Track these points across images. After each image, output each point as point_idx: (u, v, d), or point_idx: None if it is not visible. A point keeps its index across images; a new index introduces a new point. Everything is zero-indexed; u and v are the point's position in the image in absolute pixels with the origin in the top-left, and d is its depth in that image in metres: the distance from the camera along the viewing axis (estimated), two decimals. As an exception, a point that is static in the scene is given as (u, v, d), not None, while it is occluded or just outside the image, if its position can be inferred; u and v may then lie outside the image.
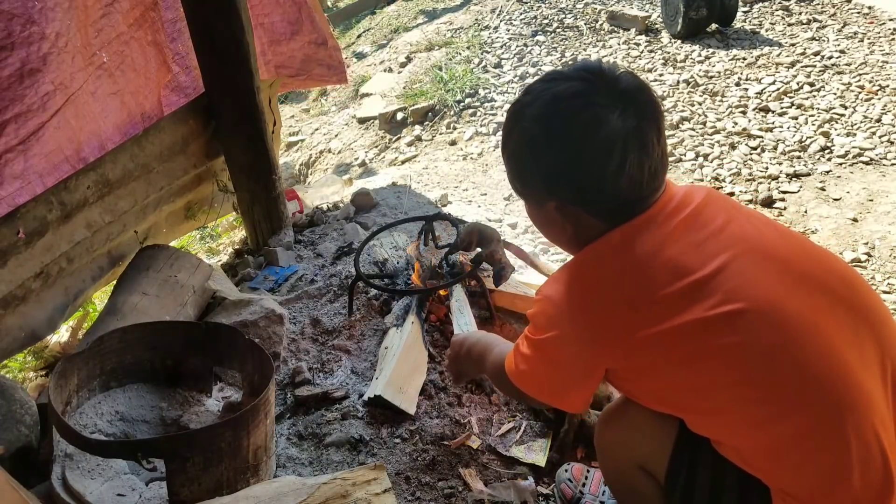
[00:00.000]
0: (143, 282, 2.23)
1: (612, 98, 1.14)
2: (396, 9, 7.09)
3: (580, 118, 1.14)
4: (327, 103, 5.86)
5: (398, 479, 1.79)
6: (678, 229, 1.18)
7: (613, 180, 1.14)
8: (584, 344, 1.20)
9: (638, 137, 1.13)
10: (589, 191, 1.18)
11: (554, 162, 1.18)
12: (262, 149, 2.74)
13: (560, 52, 5.04)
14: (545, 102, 1.18)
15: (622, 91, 1.15)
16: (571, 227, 1.23)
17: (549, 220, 1.27)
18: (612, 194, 1.16)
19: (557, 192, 1.21)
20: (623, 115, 1.12)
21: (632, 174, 1.14)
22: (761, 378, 1.08)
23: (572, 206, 1.20)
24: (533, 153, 1.20)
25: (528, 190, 1.28)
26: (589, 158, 1.14)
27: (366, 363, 2.20)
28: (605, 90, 1.15)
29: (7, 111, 1.82)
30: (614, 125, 1.12)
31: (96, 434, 1.79)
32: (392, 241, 2.67)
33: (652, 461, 1.30)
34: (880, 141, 3.69)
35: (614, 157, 1.12)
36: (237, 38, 2.48)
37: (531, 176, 1.24)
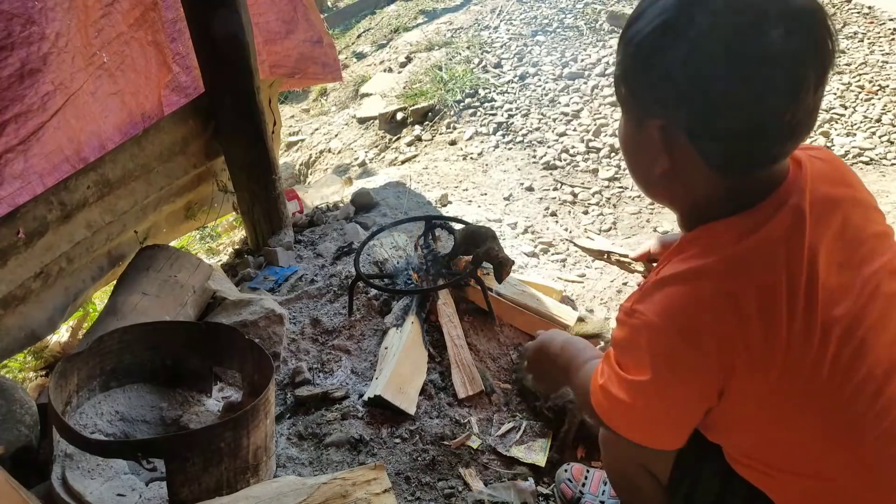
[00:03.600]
0: (143, 282, 2.23)
1: (783, 13, 0.88)
2: (396, 9, 7.08)
3: (734, 20, 0.88)
4: (327, 103, 5.86)
5: (398, 479, 1.79)
6: (826, 235, 0.97)
7: (745, 108, 0.89)
8: (689, 389, 1.01)
9: (794, 69, 0.88)
10: (710, 114, 0.92)
11: (681, 62, 0.91)
12: (262, 149, 2.74)
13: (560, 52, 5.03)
14: (707, 5, 0.91)
15: (799, 10, 0.89)
16: (668, 161, 0.99)
17: (643, 144, 1.02)
18: (736, 129, 0.91)
19: (669, 107, 0.95)
20: (787, 35, 0.87)
21: (769, 110, 0.89)
22: None
23: (681, 132, 0.95)
24: (660, 44, 0.93)
25: (633, 93, 1.02)
26: (726, 70, 0.89)
27: (366, 363, 2.20)
28: (780, 3, 0.89)
29: (7, 111, 1.82)
30: (772, 39, 0.87)
31: (96, 434, 1.79)
32: (392, 241, 2.67)
33: (656, 462, 1.29)
34: (880, 141, 3.69)
35: (757, 78, 0.88)
36: (237, 38, 2.48)
37: (645, 74, 0.97)
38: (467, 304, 2.36)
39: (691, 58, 0.90)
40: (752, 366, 0.96)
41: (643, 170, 1.07)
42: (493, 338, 2.29)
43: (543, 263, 2.89)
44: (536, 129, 4.21)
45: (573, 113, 4.31)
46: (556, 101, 4.47)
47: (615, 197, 3.49)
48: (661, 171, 1.01)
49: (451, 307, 2.30)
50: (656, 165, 1.01)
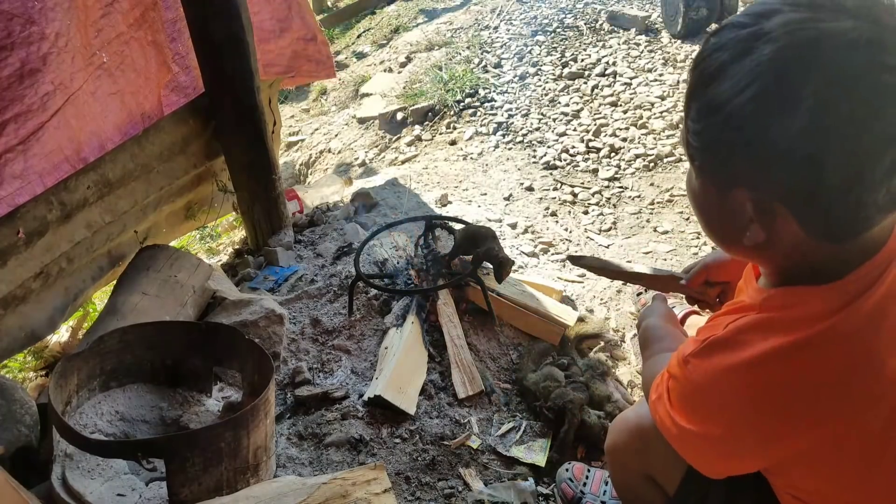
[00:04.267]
0: (143, 282, 2.23)
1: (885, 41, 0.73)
2: (396, 9, 7.08)
3: (863, 85, 0.72)
4: (327, 103, 5.86)
5: (398, 479, 1.79)
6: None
7: (870, 189, 0.76)
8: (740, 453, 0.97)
9: None
10: (825, 195, 0.78)
11: (784, 139, 0.76)
12: (262, 149, 2.74)
13: (560, 52, 5.03)
14: (807, 43, 0.74)
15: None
16: (762, 233, 0.86)
17: (728, 212, 0.88)
18: (854, 209, 0.78)
19: (767, 185, 0.81)
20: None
21: (885, 163, 0.75)
22: None
23: (779, 205, 0.82)
24: (761, 116, 0.77)
25: (721, 162, 0.86)
26: (854, 149, 0.74)
27: (366, 363, 2.20)
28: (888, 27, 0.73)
29: (7, 111, 1.81)
30: (887, 81, 0.72)
31: (96, 434, 1.79)
32: (392, 241, 2.67)
33: (663, 475, 1.28)
34: (880, 141, 3.69)
35: (888, 154, 0.74)
36: (237, 37, 2.48)
37: (741, 149, 0.81)
38: (467, 304, 2.36)
39: (805, 132, 0.74)
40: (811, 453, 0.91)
41: (727, 236, 0.95)
42: (493, 338, 2.29)
43: (543, 263, 2.89)
44: (536, 129, 4.21)
45: (573, 113, 4.31)
46: (556, 101, 4.47)
47: (615, 197, 3.49)
48: (754, 244, 0.88)
49: (451, 307, 2.30)
50: (745, 235, 0.88)
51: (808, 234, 0.84)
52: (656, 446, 1.25)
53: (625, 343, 2.39)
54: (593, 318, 2.45)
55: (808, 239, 0.85)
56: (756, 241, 0.87)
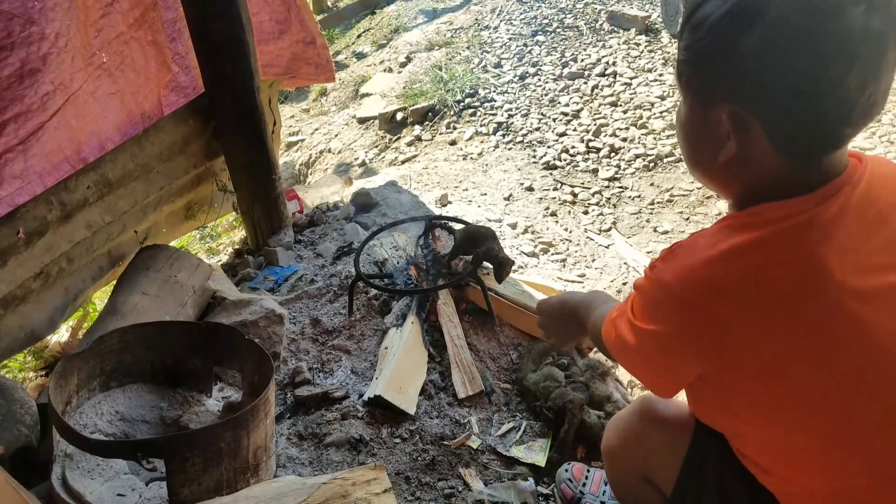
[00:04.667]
0: (143, 282, 2.23)
1: None
2: (396, 9, 7.09)
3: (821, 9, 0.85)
4: (327, 103, 5.86)
5: (398, 479, 1.79)
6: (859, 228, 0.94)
7: (825, 92, 0.86)
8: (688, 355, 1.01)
9: (876, 48, 0.85)
10: (788, 98, 0.89)
11: (758, 47, 0.88)
12: (262, 149, 2.74)
13: (560, 52, 5.03)
14: None
15: None
16: (736, 147, 0.96)
17: (708, 131, 0.99)
18: (813, 113, 0.89)
19: (743, 93, 0.92)
20: (868, 13, 0.84)
21: (849, 93, 0.86)
22: None
23: (753, 118, 0.92)
24: (735, 28, 0.90)
25: (702, 79, 0.99)
26: (806, 53, 0.86)
27: (366, 363, 2.20)
28: None
29: (7, 111, 1.82)
30: (853, 20, 0.84)
31: (96, 434, 1.79)
32: (392, 241, 2.67)
33: (659, 475, 1.29)
34: (880, 141, 3.69)
35: (839, 60, 0.85)
36: (237, 37, 2.48)
37: (718, 59, 0.94)
38: (467, 304, 2.36)
39: (770, 42, 0.87)
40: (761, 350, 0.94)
41: (704, 156, 1.04)
42: (493, 338, 2.29)
43: (543, 263, 2.89)
44: (536, 129, 4.21)
45: (573, 113, 4.31)
46: (556, 101, 4.47)
47: (615, 197, 3.49)
48: (727, 157, 0.98)
49: (451, 307, 2.30)
50: (720, 152, 0.98)
51: (776, 150, 0.93)
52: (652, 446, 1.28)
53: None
54: (593, 318, 2.44)
55: (776, 157, 0.94)
56: (729, 155, 0.97)
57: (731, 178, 1.02)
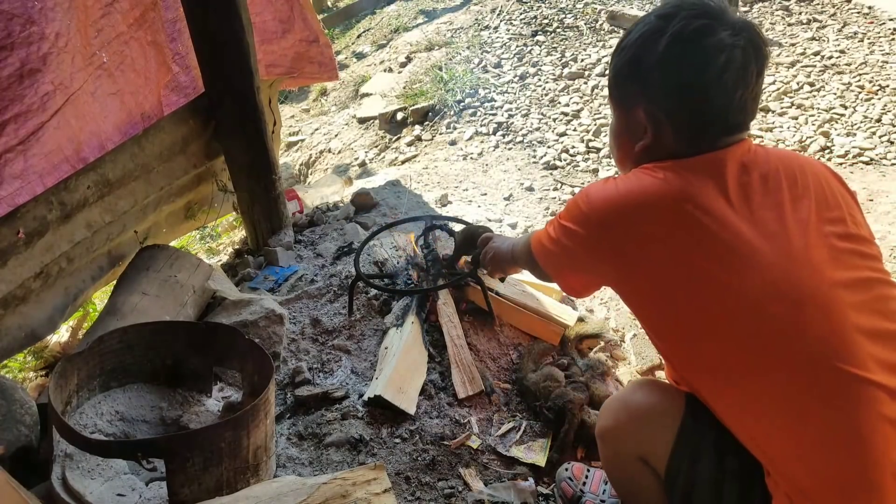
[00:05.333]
0: (143, 282, 2.23)
1: (727, 23, 1.21)
2: (396, 9, 7.08)
3: (696, 24, 1.21)
4: (327, 103, 5.86)
5: (398, 479, 1.79)
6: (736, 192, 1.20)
7: (708, 87, 1.20)
8: (596, 255, 1.29)
9: (742, 59, 1.20)
10: (682, 95, 1.24)
11: (659, 57, 1.24)
12: (262, 149, 2.74)
13: (560, 52, 5.03)
14: (672, 8, 1.25)
15: (737, 23, 1.23)
16: (651, 137, 1.29)
17: (631, 127, 1.33)
18: (701, 105, 1.22)
19: (653, 94, 1.27)
20: (734, 35, 1.20)
21: (726, 88, 1.20)
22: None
23: (659, 110, 1.27)
24: (648, 46, 1.26)
25: (623, 88, 1.34)
26: (694, 58, 1.21)
27: (366, 363, 2.20)
28: (723, 17, 1.22)
29: (7, 111, 1.81)
30: (724, 38, 1.19)
31: (96, 434, 1.79)
32: (392, 241, 2.67)
33: (653, 454, 1.31)
34: (880, 141, 3.69)
35: (717, 62, 1.19)
36: (237, 37, 2.48)
37: (632, 70, 1.30)
38: (467, 304, 2.36)
39: (667, 55, 1.23)
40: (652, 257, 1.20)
41: (627, 148, 1.37)
42: (493, 338, 2.29)
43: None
44: (536, 129, 4.21)
45: (573, 113, 4.31)
46: (556, 101, 4.47)
47: (615, 197, 3.49)
48: (643, 146, 1.31)
49: (451, 307, 2.30)
50: (639, 142, 1.32)
51: (677, 134, 1.27)
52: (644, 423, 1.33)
53: (625, 343, 2.39)
54: (593, 318, 2.45)
55: (677, 139, 1.27)
56: (646, 144, 1.31)
57: (645, 161, 1.30)
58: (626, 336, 2.42)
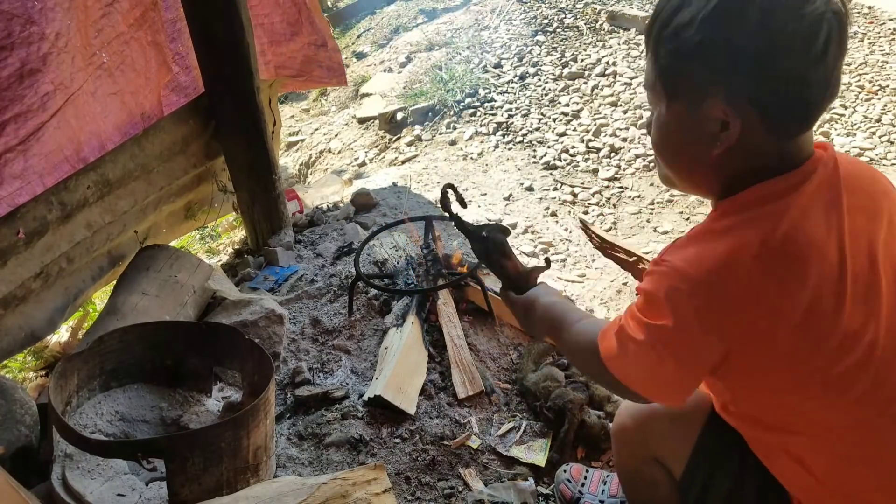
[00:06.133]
0: (143, 282, 2.23)
1: None
2: (396, 9, 7.09)
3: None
4: (327, 103, 5.86)
5: (398, 479, 1.79)
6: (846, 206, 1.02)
7: (810, 70, 0.95)
8: (710, 334, 1.00)
9: (841, 27, 0.95)
10: (779, 79, 0.96)
11: (746, 39, 0.95)
12: (262, 149, 2.74)
13: (560, 52, 5.03)
14: None
15: None
16: (736, 136, 1.00)
17: (699, 125, 1.02)
18: (801, 91, 0.96)
19: (736, 82, 0.98)
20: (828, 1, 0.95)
21: (828, 70, 0.96)
22: None
23: (747, 104, 0.98)
24: (731, 22, 0.96)
25: (689, 81, 1.02)
26: (791, 35, 0.94)
27: (366, 363, 2.20)
28: None
29: (7, 111, 1.82)
30: (820, 5, 0.94)
31: (96, 434, 1.79)
32: (392, 241, 2.67)
33: (670, 456, 1.29)
34: (880, 141, 3.69)
35: (819, 39, 0.94)
36: (237, 38, 2.48)
37: (705, 60, 0.99)
38: (467, 304, 2.36)
39: (761, 29, 0.94)
40: (777, 325, 0.97)
41: (693, 155, 1.07)
42: (493, 338, 2.29)
43: (543, 263, 2.88)
44: (536, 129, 4.21)
45: (573, 113, 4.31)
46: (556, 101, 4.47)
47: (615, 197, 3.49)
48: (724, 147, 1.02)
49: (451, 307, 2.30)
50: (715, 144, 1.02)
51: (768, 131, 0.99)
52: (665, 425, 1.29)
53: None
54: (593, 318, 2.44)
55: (767, 138, 1.00)
56: (730, 143, 1.01)
57: (720, 170, 1.06)
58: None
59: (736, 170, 1.04)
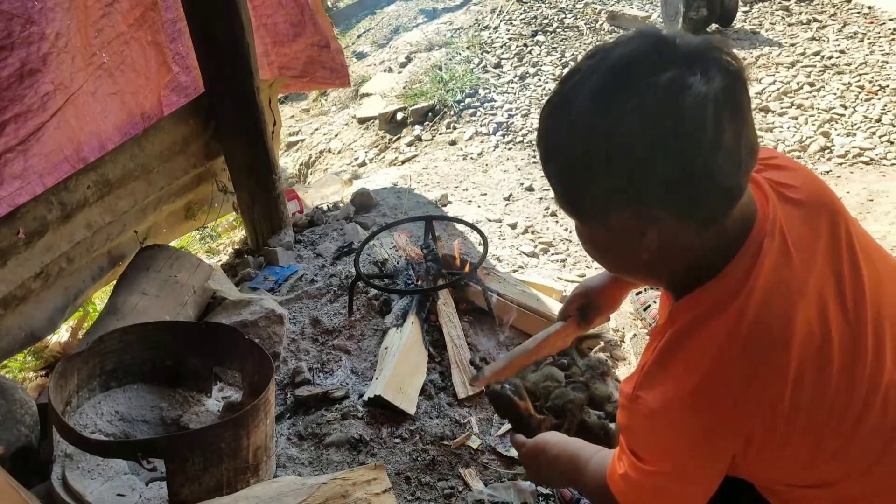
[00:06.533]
0: (143, 282, 2.23)
1: (685, 60, 0.87)
2: (396, 9, 7.08)
3: (655, 84, 0.85)
4: (327, 103, 5.86)
5: (398, 479, 1.79)
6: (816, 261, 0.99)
7: (709, 158, 0.86)
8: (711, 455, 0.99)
9: (730, 100, 0.86)
10: (678, 179, 0.88)
11: (628, 148, 0.87)
12: (262, 149, 2.74)
13: (560, 52, 5.03)
14: (602, 76, 0.89)
15: (694, 52, 0.88)
16: (655, 237, 0.94)
17: (620, 238, 0.97)
18: (707, 180, 0.87)
19: (633, 193, 0.90)
20: (705, 76, 0.85)
21: (729, 148, 0.87)
22: None
23: (655, 208, 0.91)
24: (596, 147, 0.89)
25: (587, 201, 0.96)
26: (676, 134, 0.85)
27: (366, 363, 2.20)
28: (672, 52, 0.88)
29: (7, 111, 1.82)
30: (698, 88, 0.85)
31: (96, 434, 1.79)
32: (392, 241, 2.67)
33: None
34: (880, 141, 3.68)
35: (706, 130, 0.85)
36: (237, 38, 2.48)
37: (593, 179, 0.92)
38: (467, 303, 2.36)
39: (637, 140, 0.87)
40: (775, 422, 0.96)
41: (627, 261, 1.03)
42: (493, 338, 2.29)
43: (543, 263, 2.89)
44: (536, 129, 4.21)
45: (573, 113, 4.30)
46: (556, 101, 4.46)
47: (615, 197, 3.48)
48: (647, 254, 0.97)
49: (451, 307, 2.30)
50: (641, 251, 0.97)
51: (691, 225, 0.93)
52: None
53: (625, 343, 2.39)
54: (593, 318, 2.44)
55: (692, 231, 0.94)
56: (651, 249, 0.95)
57: (659, 269, 1.02)
58: (626, 336, 2.41)
59: (677, 267, 1.00)
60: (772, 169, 1.09)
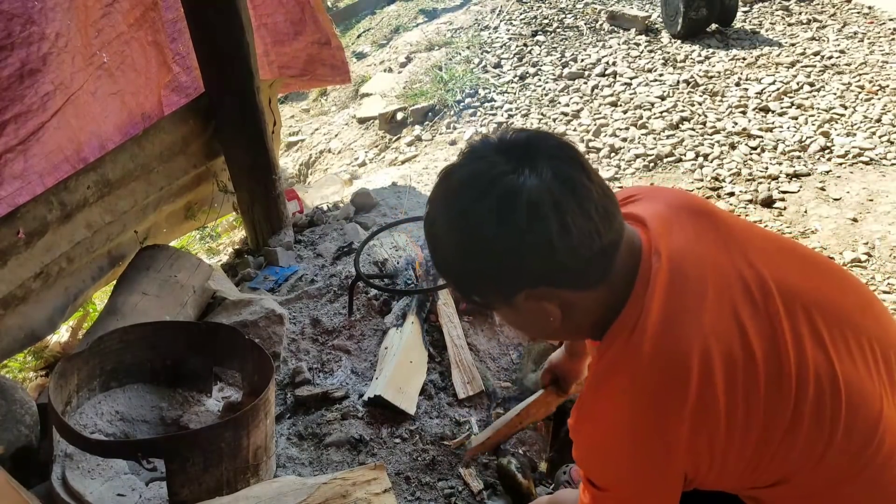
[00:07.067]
0: (143, 282, 2.23)
1: (510, 161, 0.95)
2: (396, 9, 7.09)
3: (489, 199, 0.94)
4: (327, 103, 5.86)
5: (398, 479, 1.79)
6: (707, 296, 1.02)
7: (565, 240, 0.93)
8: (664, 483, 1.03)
9: (565, 182, 0.94)
10: (548, 266, 0.97)
11: (494, 251, 0.96)
12: (262, 149, 2.74)
13: (560, 52, 5.03)
14: (447, 203, 1.01)
15: (521, 153, 0.96)
16: (557, 308, 1.02)
17: (529, 313, 1.05)
18: (573, 257, 0.96)
19: (519, 283, 1.00)
20: (534, 171, 0.94)
21: (580, 224, 0.94)
22: None
23: (543, 288, 1.00)
24: (469, 254, 0.99)
25: (486, 295, 1.07)
26: (528, 231, 0.93)
27: (366, 363, 2.20)
28: (498, 158, 0.97)
29: (7, 111, 1.82)
30: (529, 185, 0.93)
31: (96, 434, 1.79)
32: (392, 241, 2.67)
33: None
34: (880, 141, 3.69)
35: (549, 217, 0.92)
36: (237, 38, 2.48)
37: (480, 278, 1.03)
38: (467, 304, 2.36)
39: (496, 249, 0.96)
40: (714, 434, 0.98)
41: (543, 330, 1.11)
42: (493, 338, 2.29)
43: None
44: (536, 129, 4.21)
45: (573, 113, 4.31)
46: (556, 101, 4.47)
47: (615, 197, 3.49)
48: (556, 319, 1.04)
49: (451, 307, 2.30)
50: (550, 322, 1.04)
51: (579, 289, 1.00)
52: None
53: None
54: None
55: (582, 294, 1.01)
56: (558, 317, 1.03)
57: (575, 327, 1.08)
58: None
59: (587, 322, 1.07)
60: (631, 203, 1.16)
